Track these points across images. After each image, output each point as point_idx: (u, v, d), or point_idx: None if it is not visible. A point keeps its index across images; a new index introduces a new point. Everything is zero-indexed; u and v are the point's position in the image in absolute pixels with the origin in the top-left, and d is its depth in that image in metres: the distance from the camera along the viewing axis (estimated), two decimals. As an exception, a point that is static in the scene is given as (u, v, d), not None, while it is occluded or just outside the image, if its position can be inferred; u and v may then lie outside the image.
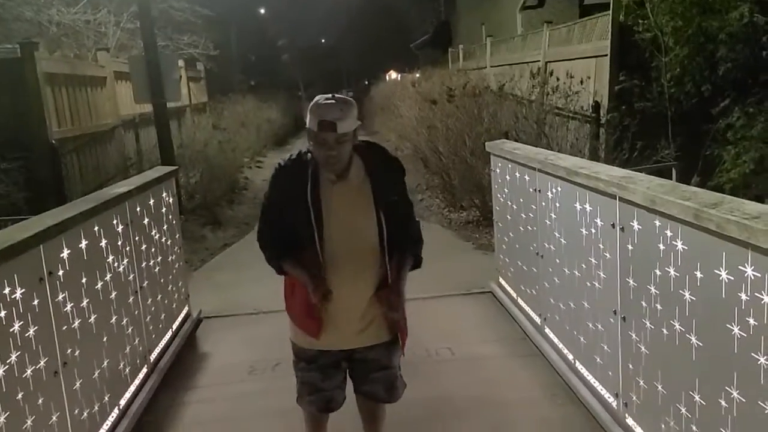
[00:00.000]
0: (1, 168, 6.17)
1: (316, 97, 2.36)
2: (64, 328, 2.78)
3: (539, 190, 3.88)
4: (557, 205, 3.61)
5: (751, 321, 1.95)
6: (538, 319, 4.14)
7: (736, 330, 2.03)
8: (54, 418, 2.62)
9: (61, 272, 2.79)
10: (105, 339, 3.22)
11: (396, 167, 2.54)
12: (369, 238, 2.43)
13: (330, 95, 2.34)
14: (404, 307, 2.48)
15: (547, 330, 3.98)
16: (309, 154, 2.43)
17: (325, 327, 2.47)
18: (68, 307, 2.83)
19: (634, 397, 2.81)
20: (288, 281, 2.57)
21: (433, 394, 3.57)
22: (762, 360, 1.91)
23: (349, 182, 2.43)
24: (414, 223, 2.60)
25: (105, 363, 3.19)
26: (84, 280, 3.02)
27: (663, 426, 2.55)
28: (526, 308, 4.39)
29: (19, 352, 2.39)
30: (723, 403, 2.12)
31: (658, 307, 2.51)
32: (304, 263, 2.42)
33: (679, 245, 2.32)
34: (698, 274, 2.22)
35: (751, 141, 5.44)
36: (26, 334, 2.46)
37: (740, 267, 1.99)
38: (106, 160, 8.37)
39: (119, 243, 3.51)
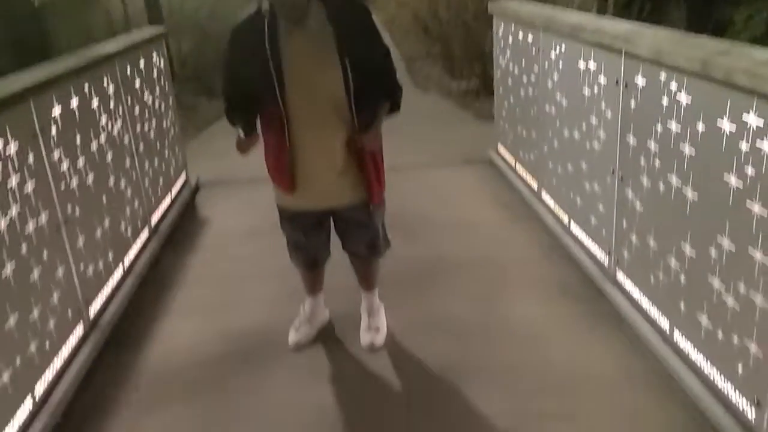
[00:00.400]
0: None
1: None
2: (63, 185, 2.78)
3: (542, 50, 3.75)
4: (560, 65, 3.50)
5: (750, 170, 1.94)
6: (535, 185, 4.16)
7: (733, 181, 2.03)
8: (60, 272, 2.69)
9: (53, 129, 2.75)
10: (104, 200, 3.24)
11: (360, 10, 2.37)
12: (332, 89, 2.31)
13: None
14: (377, 145, 2.44)
15: (544, 194, 4.01)
16: (266, 6, 2.29)
17: (299, 185, 2.46)
18: (64, 166, 2.82)
19: (626, 254, 2.88)
20: (263, 144, 2.51)
21: (429, 254, 3.66)
22: (756, 208, 1.93)
23: (308, 30, 2.29)
24: (389, 71, 2.45)
25: (106, 223, 3.23)
26: (78, 140, 2.98)
27: (652, 279, 2.63)
28: (524, 174, 4.39)
29: (18, 207, 2.40)
30: (713, 253, 2.17)
31: (657, 163, 2.50)
32: (269, 120, 2.37)
33: (683, 98, 2.27)
34: (700, 127, 2.19)
35: (764, 2, 5.20)
36: (24, 190, 2.46)
37: (744, 116, 1.95)
38: (91, 23, 8.04)
39: (111, 104, 3.44)
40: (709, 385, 2.26)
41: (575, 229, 3.51)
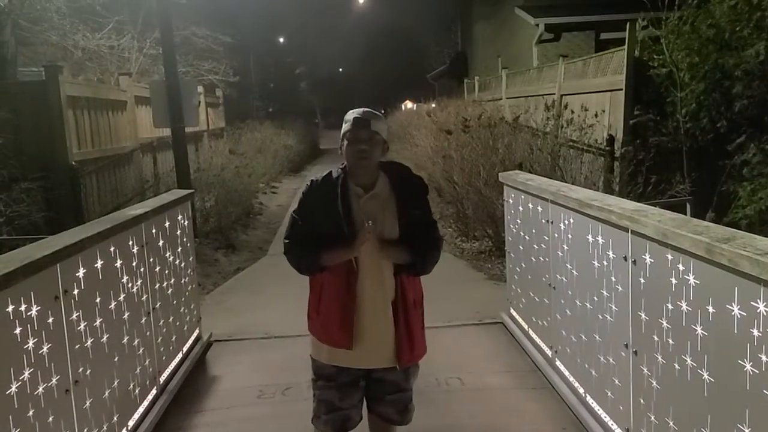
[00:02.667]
0: (22, 188, 6.28)
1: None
2: (77, 346, 2.80)
3: (552, 222, 3.88)
4: (569, 236, 3.61)
5: (764, 357, 1.93)
6: (549, 352, 4.11)
7: (748, 366, 2.01)
8: (63, 436, 2.63)
9: (76, 291, 2.82)
10: (116, 359, 3.24)
11: (419, 185, 2.66)
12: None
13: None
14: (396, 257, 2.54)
15: (558, 362, 3.94)
16: (338, 171, 2.57)
17: (354, 341, 2.53)
18: (82, 326, 2.86)
19: (646, 433, 2.77)
20: (313, 299, 2.64)
21: (442, 423, 3.55)
22: (774, 398, 1.89)
23: (375, 196, 2.56)
24: (435, 240, 2.64)
25: (115, 383, 3.21)
26: (98, 300, 3.05)
27: (674, 463, 2.51)
28: (537, 340, 4.36)
29: (31, 369, 2.41)
30: (735, 441, 2.09)
31: (670, 341, 2.49)
32: (331, 273, 2.53)
33: (691, 279, 2.31)
34: (710, 309, 2.21)
35: (767, 178, 5.42)
36: (39, 352, 2.48)
37: (752, 303, 1.98)
38: (124, 182, 8.50)
39: (134, 264, 3.55)
40: None
41: (591, 402, 3.41)
